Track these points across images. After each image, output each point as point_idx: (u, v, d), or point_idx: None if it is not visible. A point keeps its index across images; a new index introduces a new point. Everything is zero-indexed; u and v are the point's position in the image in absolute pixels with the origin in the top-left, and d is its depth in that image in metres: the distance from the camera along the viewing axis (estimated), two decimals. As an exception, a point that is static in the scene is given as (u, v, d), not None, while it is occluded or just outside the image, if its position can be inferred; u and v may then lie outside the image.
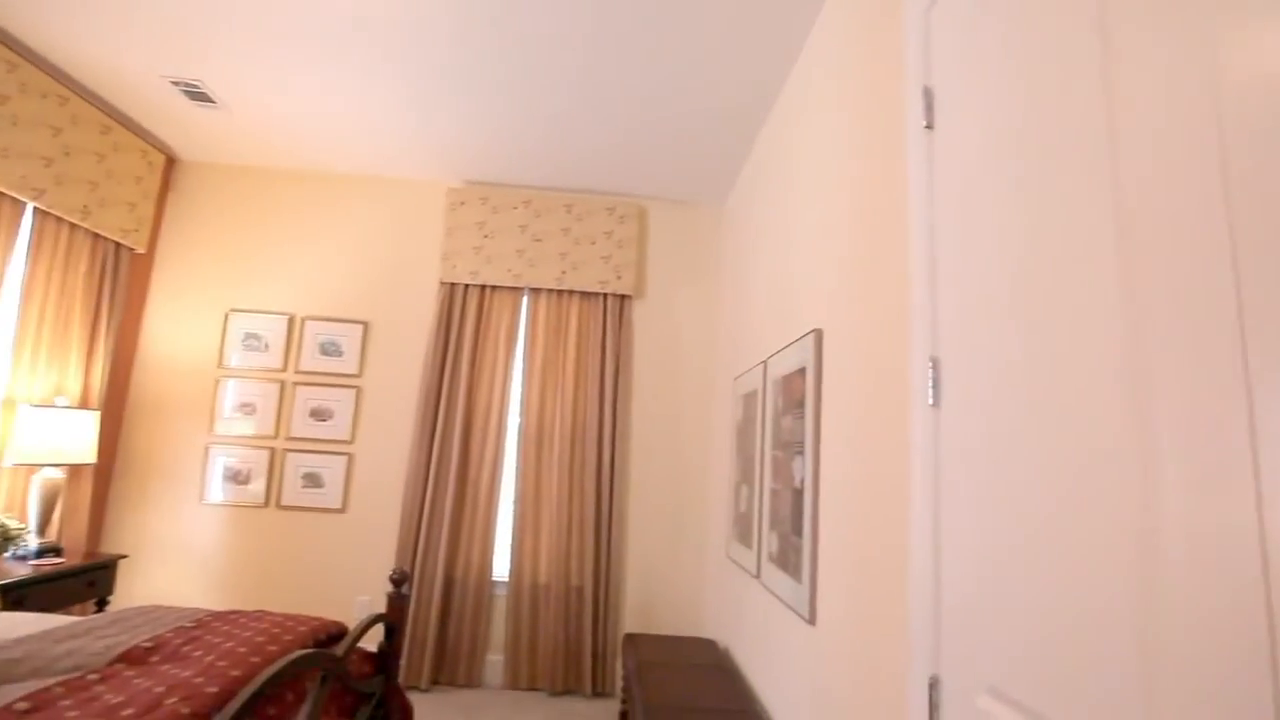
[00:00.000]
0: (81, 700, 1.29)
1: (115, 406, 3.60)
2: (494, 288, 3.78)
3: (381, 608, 3.55)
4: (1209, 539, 0.65)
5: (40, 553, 2.75)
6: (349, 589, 3.58)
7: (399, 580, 2.07)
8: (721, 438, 3.56)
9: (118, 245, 3.42)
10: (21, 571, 2.56)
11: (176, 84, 3.05)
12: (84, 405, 3.23)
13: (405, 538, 3.49)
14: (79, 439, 2.92)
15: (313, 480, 3.62)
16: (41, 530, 2.82)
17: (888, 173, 1.60)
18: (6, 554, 2.55)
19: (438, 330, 3.67)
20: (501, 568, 3.60)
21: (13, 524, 2.51)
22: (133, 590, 3.51)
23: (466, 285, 3.76)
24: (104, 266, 3.36)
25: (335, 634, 1.98)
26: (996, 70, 1.10)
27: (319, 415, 3.67)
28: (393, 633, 2.05)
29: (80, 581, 2.81)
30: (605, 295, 3.78)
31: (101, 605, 2.99)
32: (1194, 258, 0.69)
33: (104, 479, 3.55)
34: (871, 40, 1.78)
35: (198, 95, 3.14)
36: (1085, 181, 0.87)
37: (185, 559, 3.56)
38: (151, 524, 3.57)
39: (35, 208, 2.96)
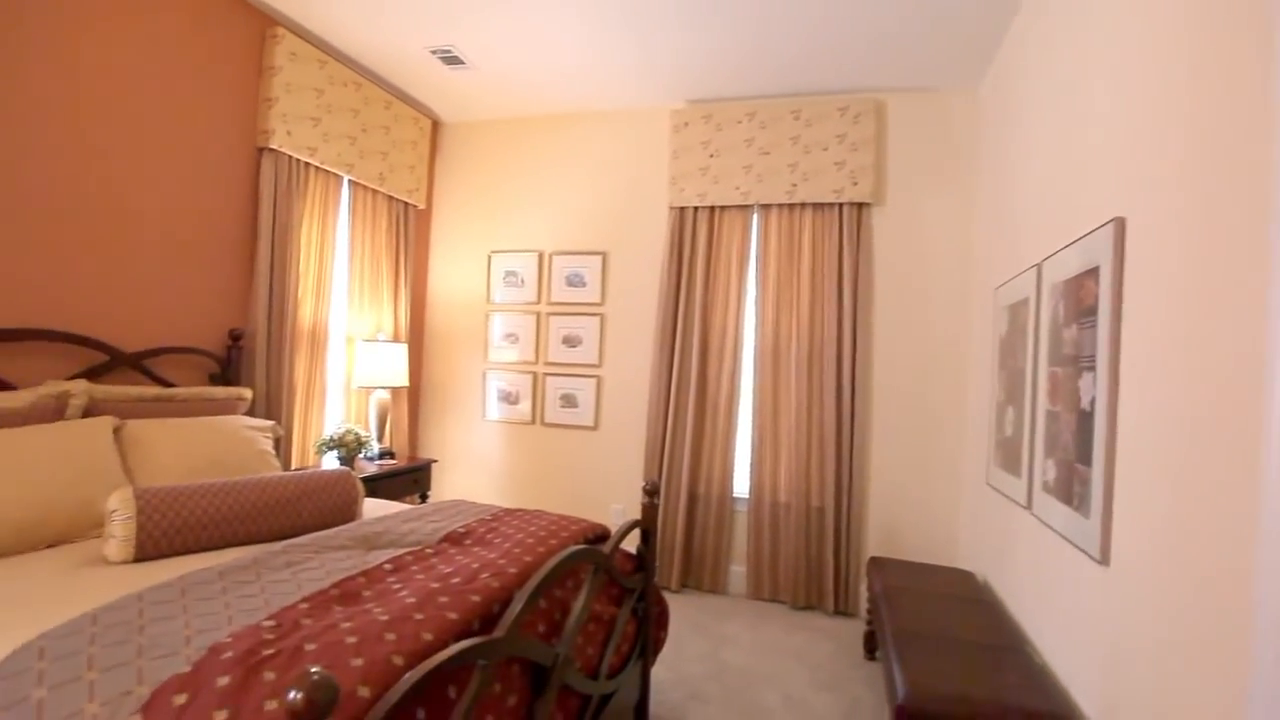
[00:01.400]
0: (424, 567, 1.64)
1: (416, 339, 4.35)
2: (723, 208, 3.75)
3: (633, 515, 3.92)
4: None
5: (380, 455, 3.51)
6: (604, 497, 3.99)
7: (651, 491, 2.24)
8: (979, 354, 3.19)
9: (405, 204, 4.04)
10: (371, 469, 3.29)
11: (435, 52, 3.42)
12: (396, 339, 3.95)
13: (651, 454, 3.76)
14: (396, 366, 3.59)
15: (569, 401, 4.04)
16: (379, 438, 3.58)
17: (1242, 19, 1.20)
18: (359, 456, 3.30)
19: (670, 255, 3.77)
20: (742, 485, 3.72)
21: (362, 433, 3.23)
22: (441, 487, 4.32)
23: (695, 208, 3.77)
24: (398, 223, 4.00)
25: (601, 535, 2.23)
26: None
27: (570, 342, 4.05)
28: (648, 537, 2.25)
29: (408, 479, 3.52)
30: (840, 205, 3.53)
31: (423, 498, 3.73)
32: None
33: (415, 399, 4.36)
34: None
35: (451, 59, 3.49)
36: None
37: (475, 465, 4.26)
38: (450, 436, 4.33)
39: (349, 180, 3.59)
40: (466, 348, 4.31)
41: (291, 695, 0.82)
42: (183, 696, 1.08)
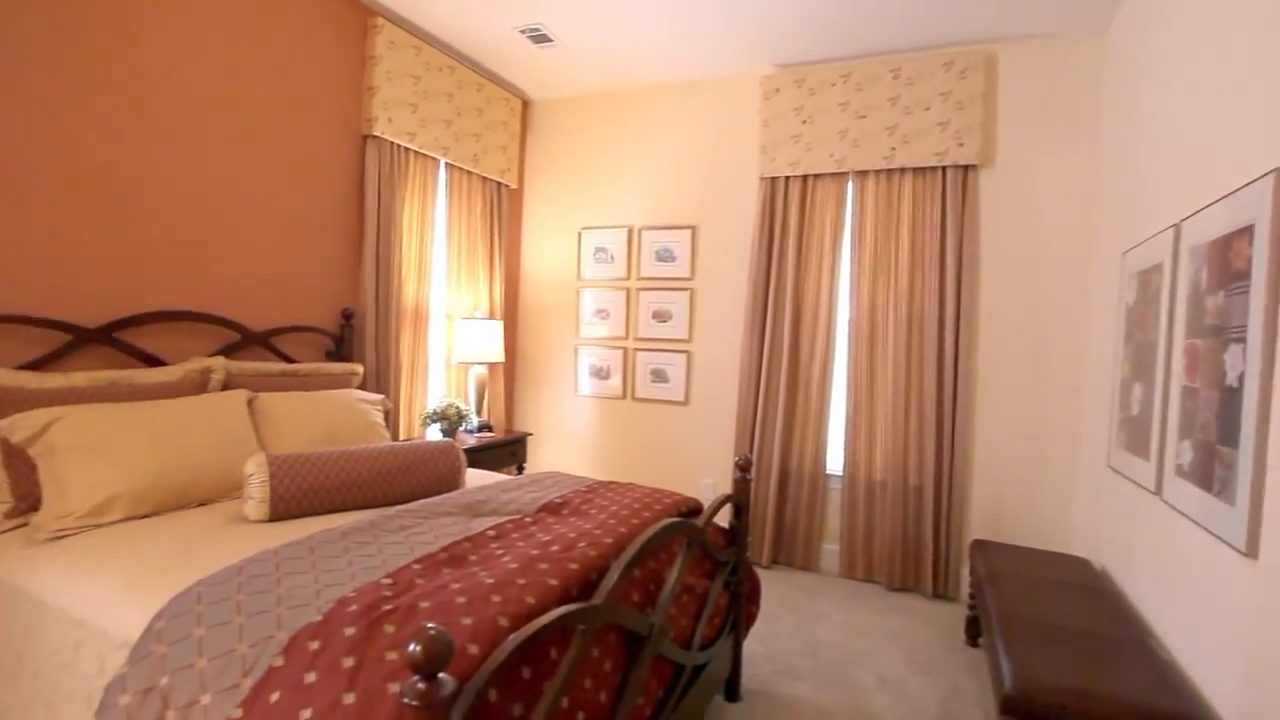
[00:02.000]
0: (524, 535, 1.71)
1: (511, 316, 4.49)
2: (816, 177, 3.61)
3: (723, 490, 3.92)
4: None
5: (479, 428, 3.67)
6: (694, 472, 4.01)
7: (744, 466, 2.23)
8: (1101, 326, 2.93)
9: (498, 184, 4.15)
10: (470, 441, 3.46)
11: (524, 31, 3.46)
12: (492, 316, 4.10)
13: (742, 429, 3.74)
14: (492, 343, 3.73)
15: (659, 376, 4.07)
16: (478, 412, 3.74)
17: None
18: (460, 428, 3.47)
19: (761, 227, 3.68)
20: (835, 462, 3.63)
21: (463, 407, 3.39)
22: (536, 459, 4.47)
23: (787, 178, 3.66)
24: (491, 203, 4.12)
25: (693, 508, 2.24)
26: None
27: (660, 317, 4.06)
28: (740, 512, 2.24)
29: (505, 451, 3.68)
30: (943, 169, 3.31)
31: (520, 469, 3.88)
32: None
33: (510, 374, 4.52)
34: None
35: (540, 38, 3.52)
36: None
37: (567, 439, 4.38)
38: (543, 410, 4.46)
39: (445, 162, 3.73)
40: (558, 324, 4.41)
41: (411, 648, 0.88)
42: (316, 643, 1.18)
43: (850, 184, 3.56)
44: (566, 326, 4.38)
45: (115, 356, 2.30)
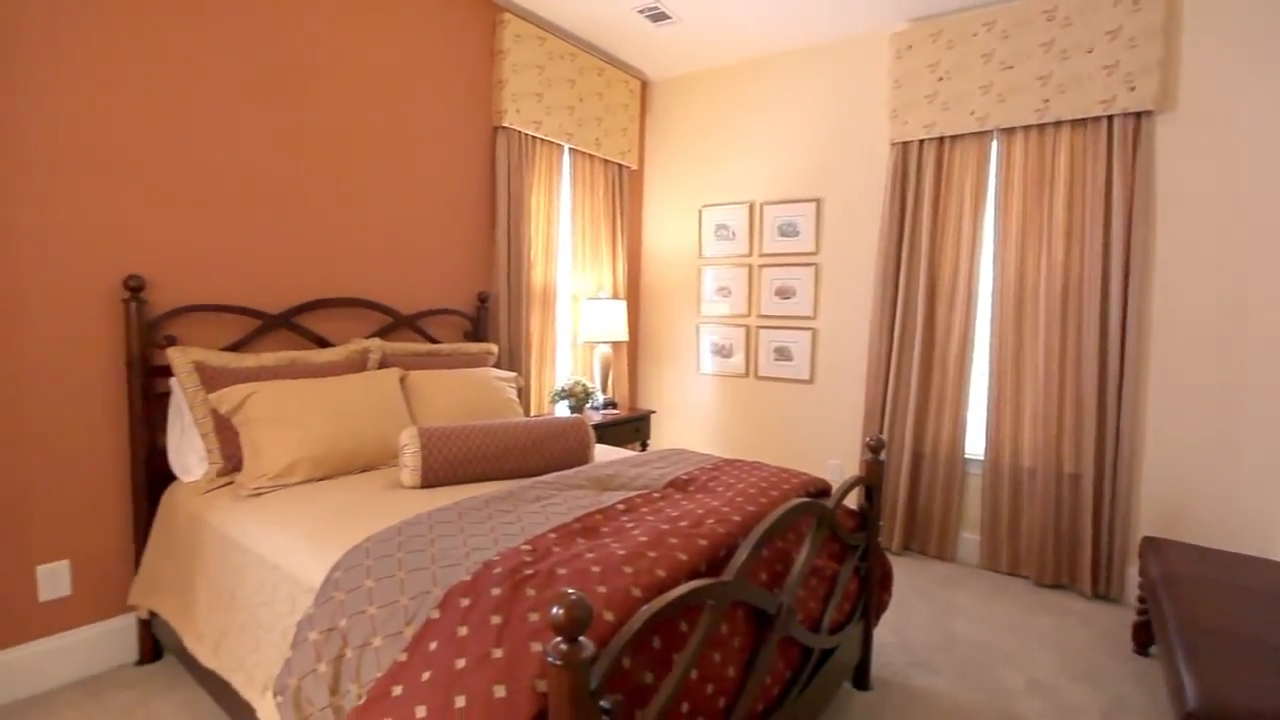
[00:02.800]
0: (653, 509, 1.75)
1: (633, 295, 4.57)
2: (954, 138, 3.34)
3: (850, 472, 3.78)
4: None
5: (604, 405, 3.79)
6: (820, 452, 3.90)
7: (876, 447, 2.13)
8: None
9: (619, 166, 4.21)
10: (596, 418, 3.58)
11: (641, 11, 3.46)
12: (615, 296, 4.19)
13: (871, 409, 3.58)
14: (616, 322, 3.82)
15: (782, 354, 3.98)
16: (603, 389, 3.86)
17: None
18: (587, 405, 3.60)
19: (892, 196, 3.47)
20: (975, 445, 3.39)
21: (589, 384, 3.52)
22: (660, 436, 4.55)
23: (921, 141, 3.42)
24: (613, 185, 4.19)
25: (821, 489, 2.19)
26: None
27: (783, 294, 3.96)
28: (872, 494, 2.15)
29: (629, 428, 3.77)
30: (1109, 119, 2.94)
31: (643, 446, 3.97)
32: None
33: (633, 353, 4.61)
34: None
35: (657, 16, 3.50)
36: None
37: (690, 416, 4.41)
38: (665, 388, 4.52)
39: (569, 147, 3.83)
40: (680, 302, 4.43)
41: (554, 611, 0.94)
42: (466, 600, 1.29)
43: (994, 143, 3.25)
44: (688, 305, 4.39)
45: (293, 339, 2.62)
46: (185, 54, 2.29)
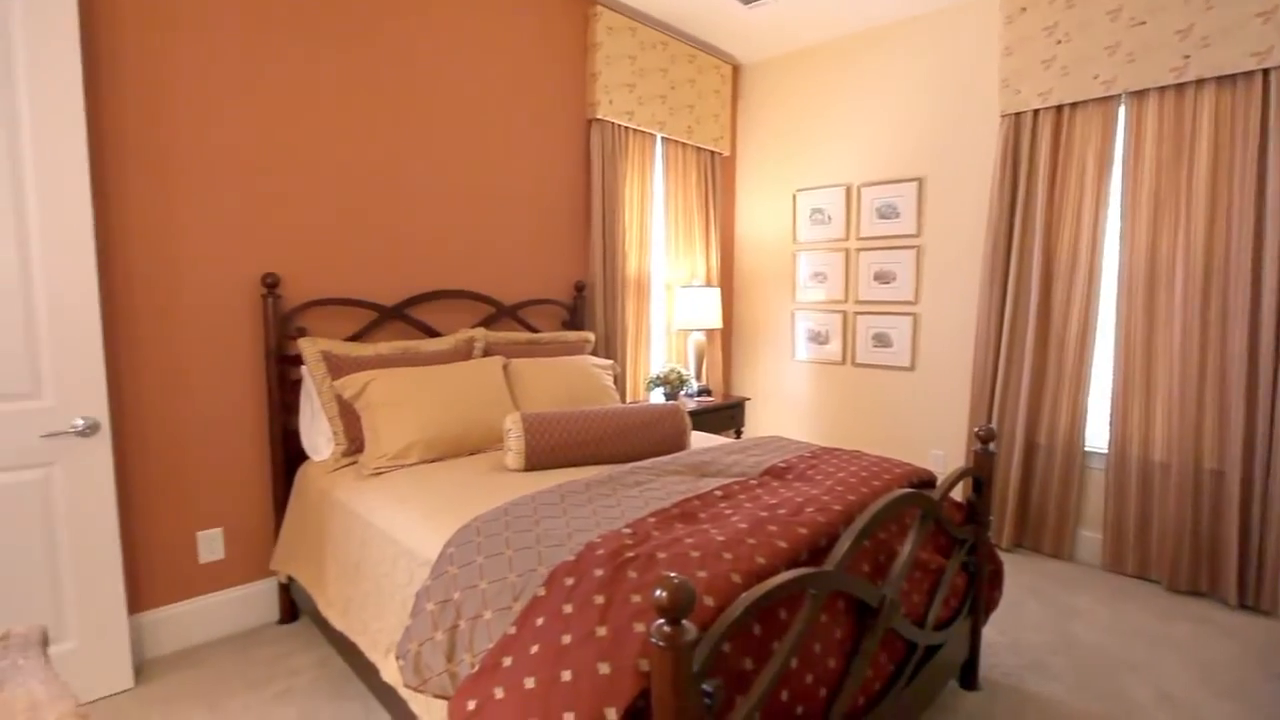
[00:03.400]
0: (750, 496, 1.76)
1: (726, 282, 4.54)
2: (1074, 105, 3.08)
3: (956, 463, 3.61)
4: None
5: (699, 393, 3.80)
6: (922, 442, 3.74)
7: (986, 437, 2.03)
8: None
9: (711, 153, 4.18)
10: (691, 405, 3.60)
11: (736, -8, 3.40)
12: (708, 283, 4.18)
13: (978, 397, 3.39)
14: (710, 309, 3.82)
15: (881, 340, 3.84)
16: (697, 377, 3.87)
17: None
18: (681, 392, 3.63)
19: (1002, 172, 3.26)
20: (1096, 437, 3.14)
21: (683, 371, 3.54)
22: (755, 424, 4.51)
23: (1036, 111, 3.17)
24: (705, 172, 4.16)
25: (926, 480, 2.11)
26: None
27: (882, 278, 3.81)
28: (981, 487, 2.05)
29: (723, 415, 3.77)
30: (1264, 73, 2.61)
31: (738, 433, 3.95)
32: None
33: (727, 339, 4.59)
34: None
35: (752, -5, 3.44)
36: None
37: (785, 404, 4.34)
38: (760, 375, 4.47)
39: (661, 136, 3.85)
40: (774, 289, 4.36)
41: (658, 593, 0.97)
42: (571, 579, 1.34)
43: (1121, 109, 2.97)
44: (782, 291, 4.31)
45: (405, 329, 2.80)
46: (308, 78, 2.48)
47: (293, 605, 2.51)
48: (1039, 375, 3.23)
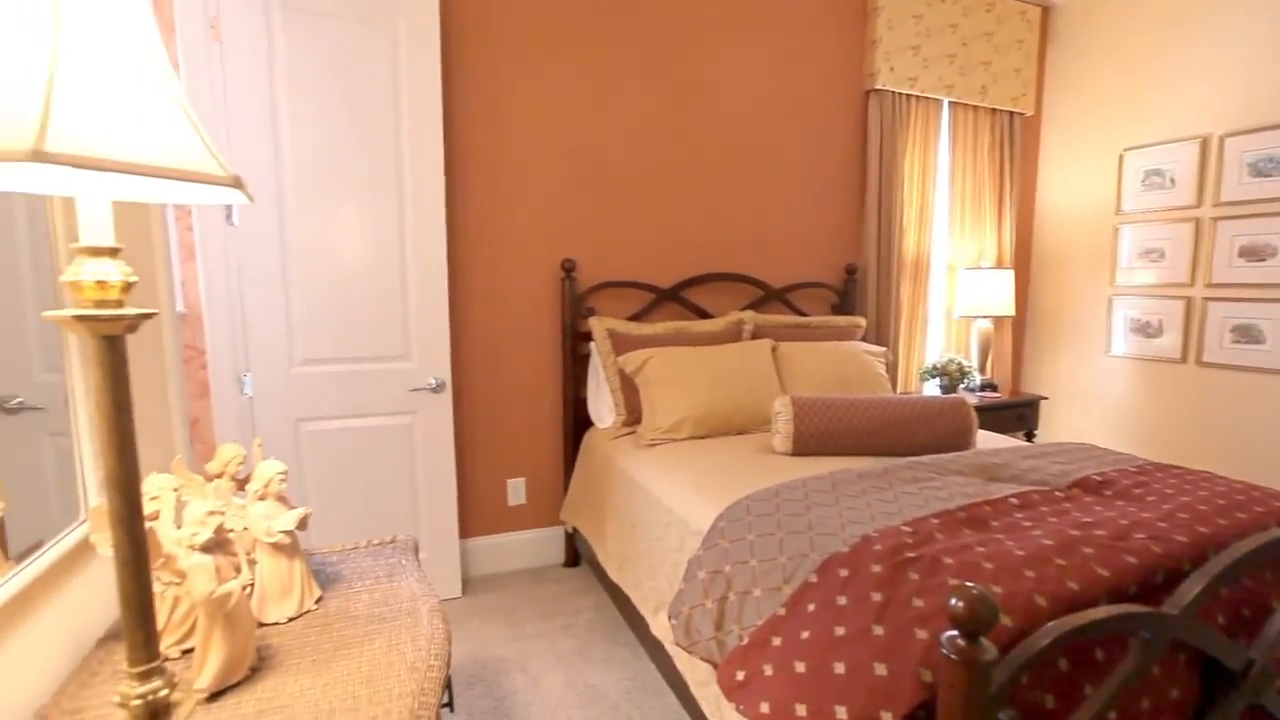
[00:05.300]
0: (1055, 510, 1.52)
1: (1022, 264, 3.96)
2: None
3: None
4: None
5: (981, 387, 3.40)
6: (1305, 469, 2.87)
7: None
8: None
9: (1010, 114, 3.65)
10: (972, 400, 3.23)
11: (1057, -81, 2.89)
12: (999, 265, 3.69)
13: None
14: (999, 295, 3.38)
15: (1246, 333, 3.01)
16: (980, 369, 3.47)
17: None
18: (961, 386, 3.28)
19: None
20: None
21: (965, 363, 3.20)
22: (1050, 427, 3.89)
23: None
24: (1001, 137, 3.65)
25: (1318, 519, 1.61)
26: None
27: (1252, 254, 2.97)
28: None
29: (1011, 414, 3.32)
30: None
31: (1029, 436, 3.45)
32: None
33: (1020, 329, 4.01)
34: None
35: (1080, -80, 2.89)
36: None
37: (1093, 407, 3.66)
38: (1061, 371, 3.83)
39: (948, 102, 3.47)
40: (1085, 270, 3.68)
41: (954, 602, 0.89)
42: (845, 571, 1.31)
43: None
44: (1097, 272, 3.62)
45: (679, 310, 2.97)
46: (603, 77, 2.76)
47: (575, 552, 2.86)
48: None
